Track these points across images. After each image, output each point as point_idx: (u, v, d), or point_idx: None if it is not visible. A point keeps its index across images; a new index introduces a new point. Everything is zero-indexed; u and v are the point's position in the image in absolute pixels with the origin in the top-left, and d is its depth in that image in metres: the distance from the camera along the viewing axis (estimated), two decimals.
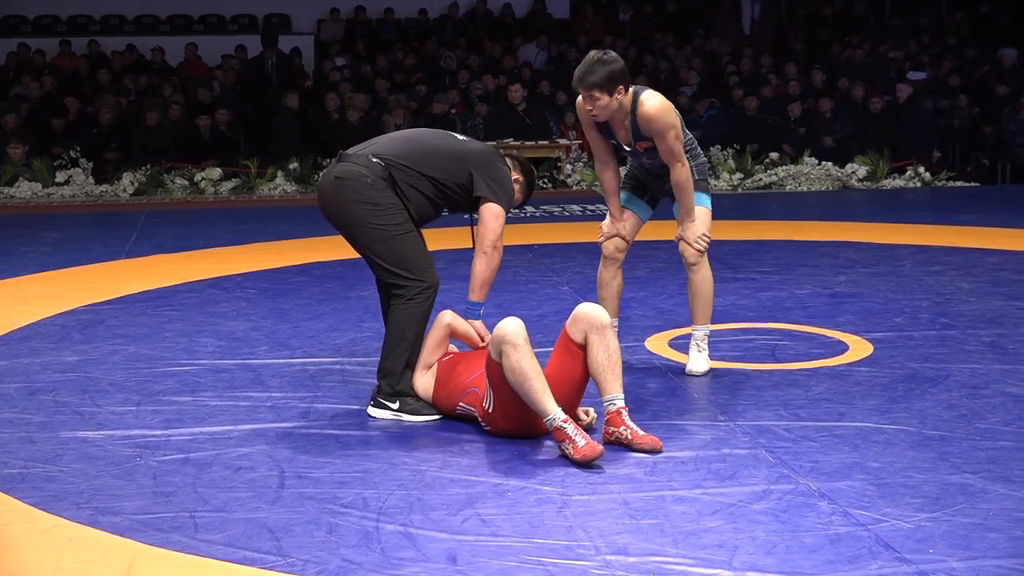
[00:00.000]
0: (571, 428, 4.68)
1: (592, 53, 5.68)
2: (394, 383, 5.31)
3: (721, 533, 3.93)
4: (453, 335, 5.46)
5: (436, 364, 5.37)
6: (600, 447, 4.65)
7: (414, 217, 5.40)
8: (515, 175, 5.57)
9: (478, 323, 5.46)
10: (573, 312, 4.95)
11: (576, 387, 4.96)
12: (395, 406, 5.31)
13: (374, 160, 5.33)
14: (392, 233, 5.28)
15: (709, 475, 4.49)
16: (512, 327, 4.76)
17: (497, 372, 4.82)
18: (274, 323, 7.24)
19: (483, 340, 5.45)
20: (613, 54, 5.66)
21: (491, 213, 5.38)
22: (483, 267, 5.37)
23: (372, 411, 5.36)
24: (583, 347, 4.90)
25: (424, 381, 5.33)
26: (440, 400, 5.27)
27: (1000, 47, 18.54)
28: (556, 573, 3.66)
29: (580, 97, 5.76)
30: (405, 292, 5.30)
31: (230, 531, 4.00)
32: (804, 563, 3.68)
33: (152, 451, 4.85)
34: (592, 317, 4.89)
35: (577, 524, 4.03)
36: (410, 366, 5.34)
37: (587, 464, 4.59)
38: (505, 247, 5.58)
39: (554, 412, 4.70)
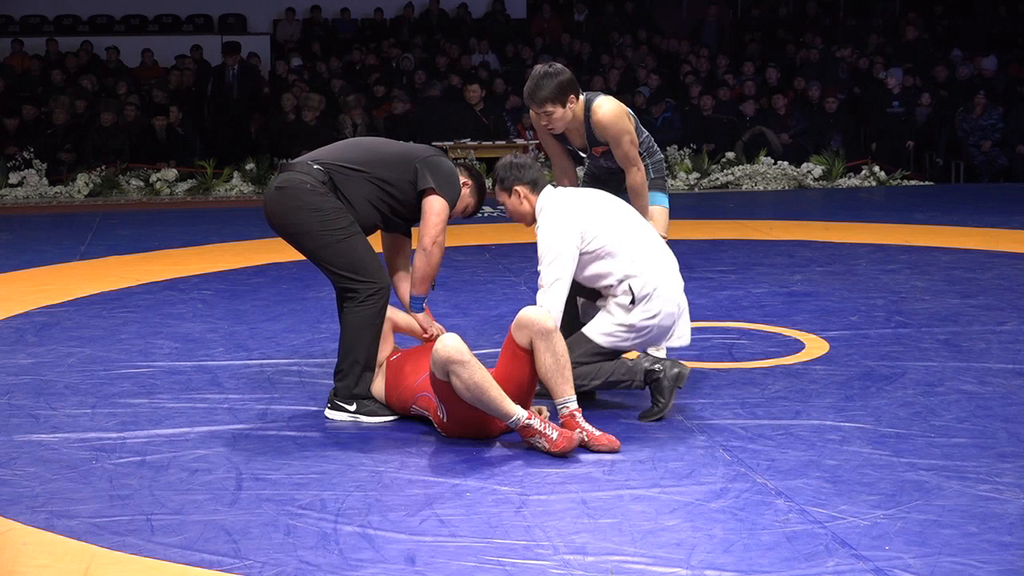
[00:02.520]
0: (538, 423, 4.71)
1: (537, 68, 5.68)
2: (351, 386, 5.29)
3: (679, 532, 3.94)
4: (396, 329, 5.48)
5: (385, 363, 5.37)
6: (576, 435, 4.69)
7: (358, 223, 5.40)
8: (463, 179, 5.52)
9: (422, 315, 5.49)
10: (517, 317, 4.92)
11: (525, 389, 4.95)
12: (352, 408, 5.30)
13: (315, 166, 5.33)
14: (337, 237, 5.26)
15: (667, 474, 4.51)
16: (453, 345, 4.73)
17: (446, 389, 4.81)
18: (231, 324, 7.21)
19: (426, 331, 5.51)
20: (559, 66, 5.67)
21: (432, 207, 5.34)
22: (422, 263, 5.37)
23: (329, 413, 5.35)
24: (529, 351, 4.90)
25: (377, 382, 5.33)
26: (393, 401, 5.26)
27: (953, 48, 18.69)
28: (515, 573, 3.66)
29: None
30: (357, 295, 5.28)
31: (187, 534, 3.98)
32: (761, 561, 3.70)
33: (108, 454, 4.82)
34: (536, 323, 4.86)
35: (535, 524, 4.03)
36: (368, 368, 5.32)
37: (566, 455, 4.66)
38: (463, 247, 5.58)
39: (517, 413, 4.72)
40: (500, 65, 18.74)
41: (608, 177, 6.07)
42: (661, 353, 5.54)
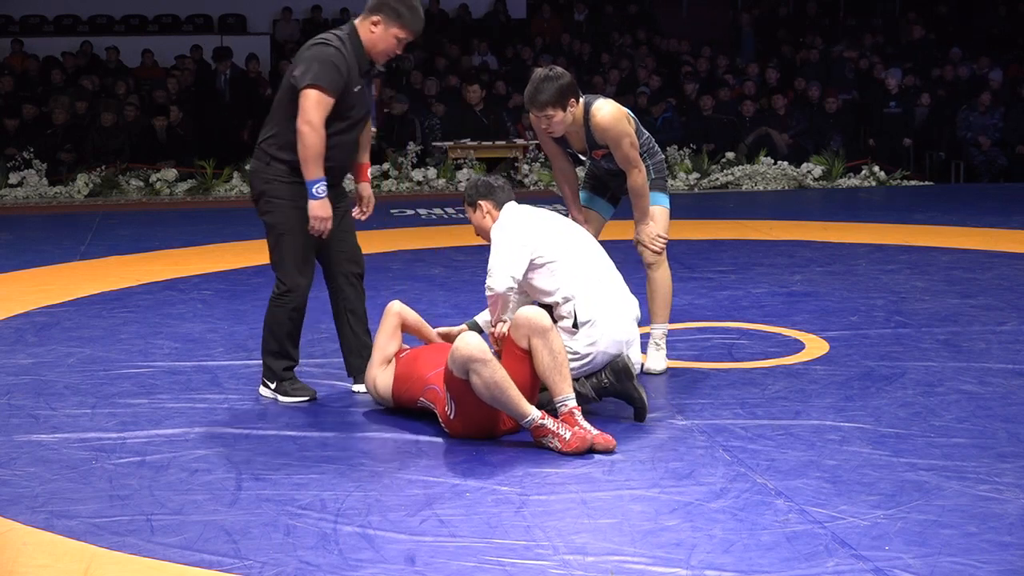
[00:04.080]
0: (551, 423, 4.71)
1: (537, 71, 5.70)
2: (272, 369, 5.61)
3: (679, 532, 3.94)
4: (404, 327, 5.48)
5: (394, 360, 5.37)
6: (589, 436, 4.70)
7: (334, 168, 5.47)
8: (373, 18, 5.40)
9: (319, 204, 5.37)
10: (513, 318, 4.96)
11: (529, 389, 4.95)
12: (273, 387, 5.60)
13: (259, 150, 5.57)
14: (279, 231, 5.53)
15: (667, 474, 4.51)
16: (475, 343, 4.74)
17: (462, 387, 4.81)
18: (231, 325, 7.21)
19: (401, 323, 5.52)
20: (559, 69, 5.68)
21: (301, 97, 5.32)
22: (300, 148, 5.33)
23: (260, 390, 5.66)
24: (528, 351, 4.90)
25: (384, 377, 5.34)
26: (400, 394, 5.26)
27: (952, 47, 18.69)
28: (514, 573, 3.66)
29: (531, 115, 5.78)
30: (275, 289, 5.63)
31: (187, 534, 3.99)
32: (761, 561, 3.70)
33: (108, 454, 4.83)
34: (532, 322, 4.88)
35: (535, 524, 4.03)
36: (278, 354, 5.59)
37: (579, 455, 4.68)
38: (463, 247, 5.57)
39: (532, 413, 4.73)
40: (500, 65, 18.73)
41: (609, 178, 6.08)
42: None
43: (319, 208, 5.38)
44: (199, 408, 5.49)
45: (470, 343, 4.75)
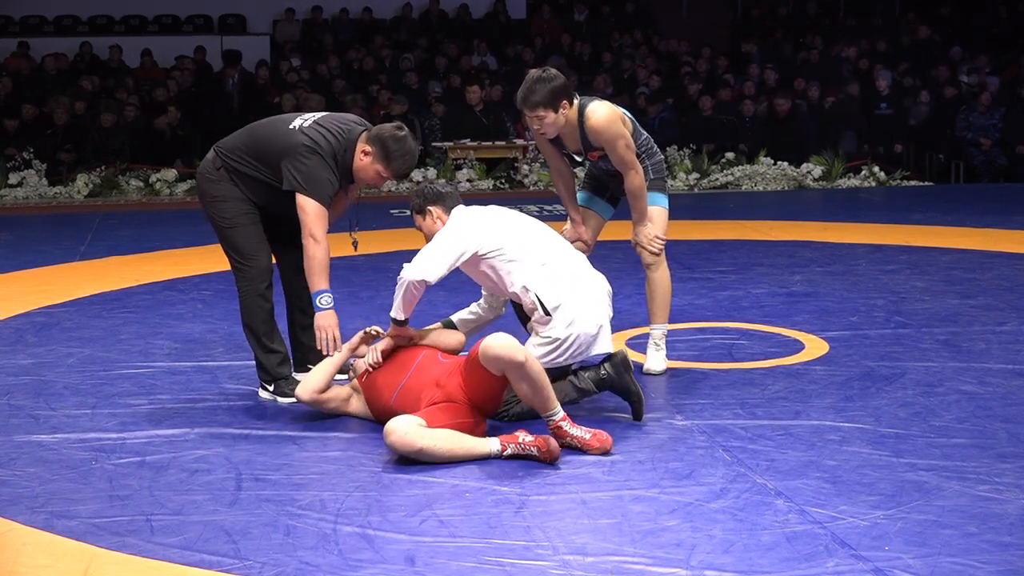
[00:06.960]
0: (515, 449, 4.66)
1: (531, 72, 5.69)
2: (266, 369, 5.61)
3: (679, 532, 3.94)
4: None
5: (359, 387, 5.31)
6: (556, 444, 4.66)
7: (257, 203, 5.61)
8: (362, 146, 5.45)
9: (324, 315, 5.35)
10: (482, 348, 4.73)
11: (496, 397, 4.92)
12: (271, 389, 5.61)
13: (214, 152, 5.65)
14: (223, 225, 5.62)
15: (666, 474, 4.51)
16: (404, 429, 4.61)
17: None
18: (231, 325, 7.19)
19: (335, 342, 5.38)
20: (553, 71, 5.67)
21: (299, 207, 5.39)
22: (305, 261, 5.40)
23: (260, 392, 5.66)
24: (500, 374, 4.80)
25: (359, 405, 5.30)
26: (380, 416, 5.18)
27: (952, 47, 18.69)
28: (514, 573, 3.66)
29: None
30: (237, 279, 5.64)
31: (187, 534, 3.99)
32: (761, 561, 3.70)
33: (108, 454, 4.83)
34: (504, 358, 4.68)
35: (535, 524, 4.03)
36: (267, 350, 5.58)
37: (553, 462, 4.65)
38: None
39: (494, 448, 4.69)
40: (500, 66, 18.73)
41: (608, 179, 6.07)
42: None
43: (321, 318, 5.37)
44: (199, 408, 5.49)
45: (401, 432, 4.60)
